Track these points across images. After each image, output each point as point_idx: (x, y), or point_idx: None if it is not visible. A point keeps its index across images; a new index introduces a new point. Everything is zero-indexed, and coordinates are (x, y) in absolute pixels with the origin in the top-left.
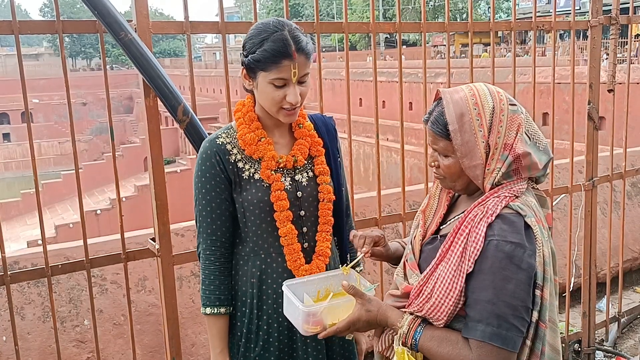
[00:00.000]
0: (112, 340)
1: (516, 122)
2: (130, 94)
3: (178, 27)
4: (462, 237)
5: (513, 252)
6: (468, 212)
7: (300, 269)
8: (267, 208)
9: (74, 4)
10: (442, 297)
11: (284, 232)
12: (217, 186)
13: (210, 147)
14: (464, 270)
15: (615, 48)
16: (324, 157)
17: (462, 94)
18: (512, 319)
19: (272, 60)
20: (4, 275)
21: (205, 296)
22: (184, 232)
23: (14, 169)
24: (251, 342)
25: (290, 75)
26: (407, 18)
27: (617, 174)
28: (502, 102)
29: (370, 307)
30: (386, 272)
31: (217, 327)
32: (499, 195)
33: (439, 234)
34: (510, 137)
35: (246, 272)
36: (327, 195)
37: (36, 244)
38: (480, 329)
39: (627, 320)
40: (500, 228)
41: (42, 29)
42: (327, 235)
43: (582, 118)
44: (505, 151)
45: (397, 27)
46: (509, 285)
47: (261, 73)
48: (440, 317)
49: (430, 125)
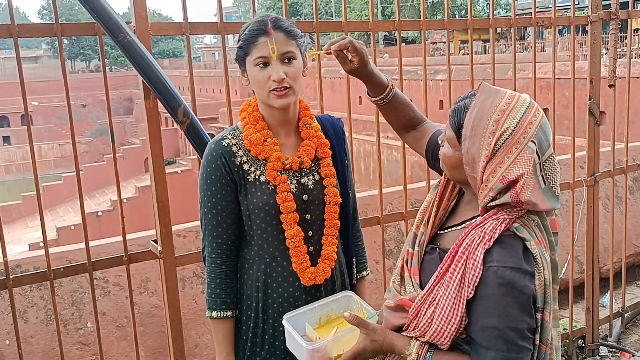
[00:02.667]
0: (115, 342)
1: (524, 161)
2: (130, 95)
3: (177, 29)
4: (460, 264)
5: (513, 278)
6: (466, 234)
7: (306, 272)
8: (272, 211)
9: (73, 6)
10: (444, 323)
11: (291, 234)
12: (223, 188)
13: (216, 148)
14: (464, 297)
15: (615, 43)
16: (331, 159)
17: (496, 103)
18: (520, 340)
19: (251, 40)
20: (7, 279)
21: (212, 300)
22: (186, 233)
23: (14, 171)
24: (257, 345)
25: (269, 51)
26: (405, 15)
27: (618, 169)
28: (525, 133)
29: (375, 337)
30: (389, 271)
31: (223, 331)
32: (497, 217)
33: (437, 243)
34: (512, 173)
35: (251, 276)
36: (334, 199)
37: (38, 246)
38: (491, 355)
39: (630, 315)
40: (499, 253)
41: (41, 32)
42: (333, 239)
43: (583, 113)
44: (500, 184)
45: (396, 25)
46: (512, 310)
47: (247, 59)
48: (445, 342)
49: (451, 112)
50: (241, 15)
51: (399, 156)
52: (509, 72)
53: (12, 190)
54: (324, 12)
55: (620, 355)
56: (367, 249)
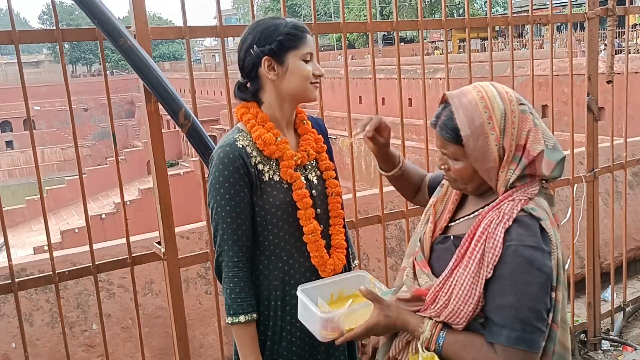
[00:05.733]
0: (120, 343)
1: (527, 123)
2: (131, 98)
3: (177, 33)
4: (480, 243)
5: (532, 256)
6: (482, 216)
7: (326, 265)
8: (289, 209)
9: (73, 11)
10: (461, 303)
11: (310, 229)
12: (242, 190)
13: (232, 151)
14: (483, 276)
15: (613, 39)
16: (327, 152)
17: (471, 97)
18: (536, 321)
19: (301, 36)
20: (12, 283)
21: (237, 304)
22: (189, 234)
23: (17, 176)
24: (276, 343)
25: (314, 47)
26: (403, 15)
27: (618, 165)
28: (511, 103)
29: (389, 312)
30: (391, 269)
31: (251, 334)
32: (513, 198)
33: (449, 234)
34: (522, 138)
35: (267, 276)
36: (335, 189)
37: (42, 250)
38: (505, 334)
39: (632, 309)
40: (518, 232)
41: (42, 38)
42: (340, 228)
43: (582, 109)
44: (517, 152)
45: (394, 25)
46: (531, 290)
47: (291, 52)
48: (460, 322)
49: (439, 130)
50: (240, 18)
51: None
52: (507, 70)
53: (16, 195)
54: (323, 13)
55: (622, 349)
56: (368, 247)
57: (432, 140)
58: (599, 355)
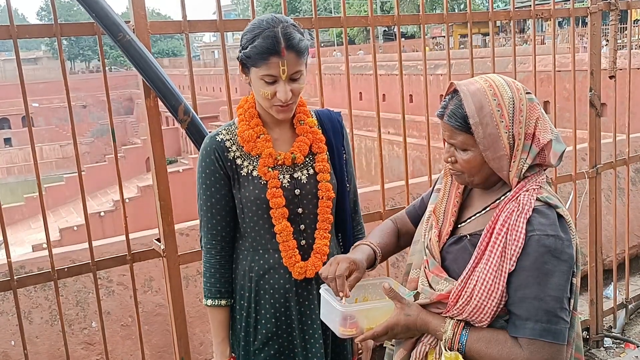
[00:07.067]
0: (120, 341)
1: (535, 111)
2: (130, 95)
3: (176, 27)
4: (501, 237)
5: (554, 245)
6: (500, 210)
7: (295, 266)
8: (264, 205)
9: (71, 6)
10: (484, 299)
11: (280, 229)
12: (217, 182)
13: (210, 144)
14: (506, 270)
15: (615, 34)
16: (327, 153)
17: (479, 86)
18: (560, 311)
19: (261, 57)
20: (11, 280)
21: (207, 288)
22: (189, 231)
23: (16, 173)
24: (250, 335)
25: (279, 72)
26: (404, 10)
27: (620, 161)
28: (519, 91)
29: (409, 311)
30: (392, 266)
31: (218, 318)
32: (527, 189)
33: (462, 234)
34: (530, 126)
35: (244, 267)
36: (326, 193)
37: (41, 247)
38: (530, 326)
39: (634, 307)
40: (539, 222)
41: (40, 32)
42: (326, 233)
43: (584, 105)
44: (527, 141)
45: (395, 20)
46: (553, 279)
47: (252, 69)
48: (484, 319)
49: (447, 119)
50: (240, 13)
51: (400, 151)
52: (509, 66)
53: (15, 192)
54: (323, 8)
55: (624, 346)
56: None
57: (433, 136)
58: (601, 352)
